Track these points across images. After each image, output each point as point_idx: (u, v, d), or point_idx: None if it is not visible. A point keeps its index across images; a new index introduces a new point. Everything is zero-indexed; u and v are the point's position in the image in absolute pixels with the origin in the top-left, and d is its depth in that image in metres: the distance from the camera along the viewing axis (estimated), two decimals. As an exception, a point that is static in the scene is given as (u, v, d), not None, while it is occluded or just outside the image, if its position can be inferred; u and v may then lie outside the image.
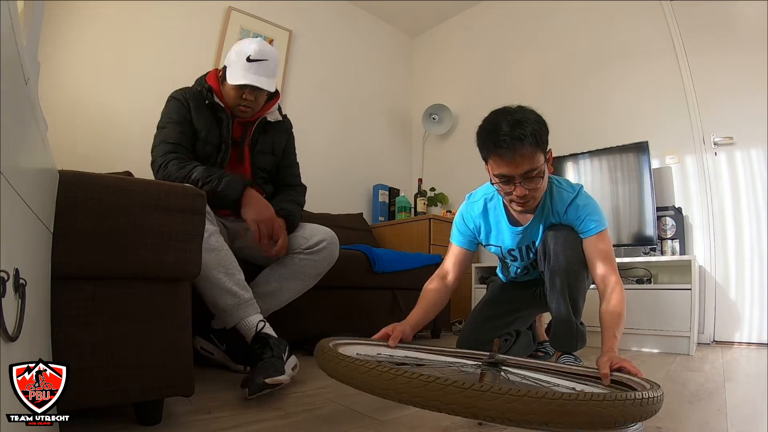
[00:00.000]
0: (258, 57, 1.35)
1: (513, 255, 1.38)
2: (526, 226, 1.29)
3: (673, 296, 1.93)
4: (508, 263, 1.46)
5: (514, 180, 1.12)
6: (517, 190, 1.13)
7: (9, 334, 0.36)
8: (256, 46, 1.36)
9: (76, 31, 2.08)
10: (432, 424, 0.82)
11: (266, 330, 1.18)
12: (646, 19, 2.49)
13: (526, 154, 1.08)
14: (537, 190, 1.16)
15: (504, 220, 1.32)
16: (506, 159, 1.09)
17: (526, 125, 1.08)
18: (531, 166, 1.10)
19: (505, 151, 1.08)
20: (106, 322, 0.70)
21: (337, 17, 3.32)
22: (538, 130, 1.10)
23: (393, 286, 2.10)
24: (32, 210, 0.47)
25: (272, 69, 1.41)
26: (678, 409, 0.95)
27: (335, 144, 3.18)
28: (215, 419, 0.83)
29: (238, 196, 1.28)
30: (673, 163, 2.35)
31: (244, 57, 1.34)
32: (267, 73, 1.38)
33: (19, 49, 0.43)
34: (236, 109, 1.41)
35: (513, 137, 1.07)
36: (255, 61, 1.34)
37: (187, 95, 1.40)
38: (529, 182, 1.12)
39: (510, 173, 1.11)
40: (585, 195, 1.26)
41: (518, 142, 1.07)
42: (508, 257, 1.41)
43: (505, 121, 1.09)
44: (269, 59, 1.38)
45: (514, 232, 1.31)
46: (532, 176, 1.12)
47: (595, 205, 1.24)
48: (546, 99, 2.91)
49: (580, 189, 1.26)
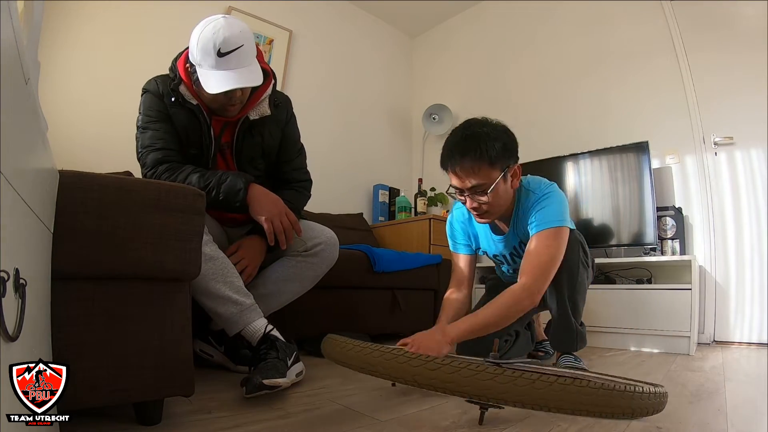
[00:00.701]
0: (231, 47, 1.11)
1: (499, 260, 1.41)
2: (507, 233, 1.30)
3: (673, 296, 1.92)
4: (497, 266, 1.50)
5: (463, 193, 1.14)
6: (468, 202, 1.15)
7: (9, 334, 0.36)
8: (224, 32, 1.10)
9: (76, 31, 2.08)
10: (432, 425, 0.82)
11: (274, 333, 1.15)
12: (646, 19, 2.49)
13: (471, 169, 1.08)
14: (492, 205, 1.15)
15: (486, 228, 1.33)
16: (455, 171, 1.10)
17: (480, 140, 1.07)
18: (478, 181, 1.09)
19: (452, 163, 1.09)
20: (106, 322, 0.70)
21: (338, 17, 3.32)
22: (490, 145, 1.07)
23: (393, 286, 2.10)
24: (32, 210, 0.47)
25: (251, 52, 1.17)
26: (678, 409, 0.95)
27: (335, 144, 3.17)
28: (215, 419, 0.83)
29: (242, 198, 1.21)
30: (673, 163, 2.35)
31: (214, 52, 1.10)
32: (247, 60, 1.14)
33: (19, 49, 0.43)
34: (222, 110, 1.23)
35: (459, 151, 1.07)
36: (228, 53, 1.11)
37: (161, 87, 1.23)
38: (478, 196, 1.12)
39: (460, 186, 1.12)
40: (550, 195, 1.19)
41: (463, 156, 1.07)
42: (495, 261, 1.44)
43: (461, 134, 1.10)
44: (244, 43, 1.13)
45: (495, 240, 1.33)
46: (480, 191, 1.11)
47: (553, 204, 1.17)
48: (546, 99, 2.91)
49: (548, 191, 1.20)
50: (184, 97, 1.22)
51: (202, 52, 1.12)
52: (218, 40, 1.10)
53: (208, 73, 1.13)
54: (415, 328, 2.25)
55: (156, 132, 1.22)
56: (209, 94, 1.15)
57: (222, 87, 1.12)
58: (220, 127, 1.29)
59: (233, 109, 1.24)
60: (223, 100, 1.19)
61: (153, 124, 1.23)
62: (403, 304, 2.09)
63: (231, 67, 1.12)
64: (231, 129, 1.31)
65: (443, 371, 0.64)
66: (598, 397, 0.62)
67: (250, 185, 1.23)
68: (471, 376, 0.64)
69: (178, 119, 1.23)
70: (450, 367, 0.64)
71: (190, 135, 1.25)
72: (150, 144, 1.21)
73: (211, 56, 1.11)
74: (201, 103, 1.24)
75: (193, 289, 1.01)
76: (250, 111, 1.29)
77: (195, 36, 1.13)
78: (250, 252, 1.27)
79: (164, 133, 1.22)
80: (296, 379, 1.12)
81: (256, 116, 1.31)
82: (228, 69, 1.12)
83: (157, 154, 1.20)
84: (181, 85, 1.22)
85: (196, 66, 1.16)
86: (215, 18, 1.13)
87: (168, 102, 1.22)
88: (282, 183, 1.45)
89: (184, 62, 1.21)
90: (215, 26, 1.11)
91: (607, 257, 2.30)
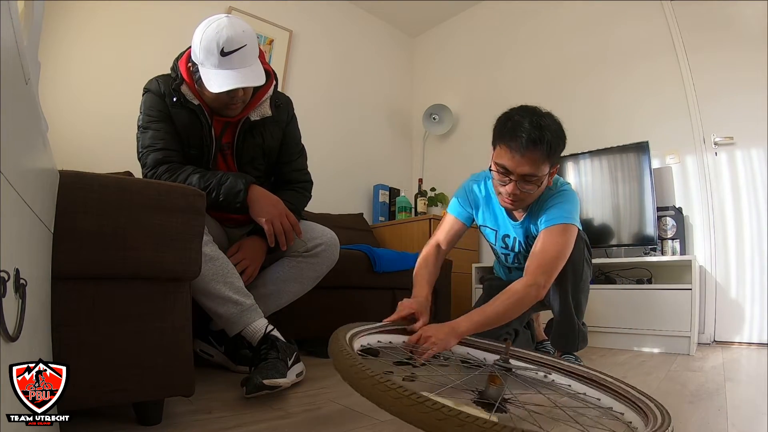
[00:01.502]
0: (234, 47, 1.11)
1: (506, 242, 1.38)
2: (521, 221, 1.29)
3: (674, 296, 1.92)
4: (497, 249, 1.44)
5: (510, 176, 1.13)
6: (510, 187, 1.14)
7: (9, 334, 0.36)
8: (227, 32, 1.10)
9: (76, 31, 2.08)
10: (432, 424, 0.82)
11: (274, 333, 1.15)
12: (647, 19, 2.49)
13: (534, 158, 1.09)
14: (529, 195, 1.16)
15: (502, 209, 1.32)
16: (513, 153, 1.09)
17: (546, 133, 1.09)
18: (532, 171, 1.10)
19: (516, 145, 1.08)
20: (106, 322, 0.70)
21: (338, 17, 3.32)
22: (555, 143, 1.11)
23: (393, 286, 2.10)
24: (33, 210, 0.47)
25: (254, 52, 1.17)
26: (678, 409, 0.95)
27: (336, 144, 3.18)
28: (216, 419, 0.83)
29: (243, 199, 1.21)
30: (673, 163, 2.35)
31: (217, 51, 1.10)
32: (249, 59, 1.15)
33: (20, 49, 0.43)
34: (225, 109, 1.23)
35: (530, 138, 1.07)
36: (232, 53, 1.11)
37: (162, 87, 1.22)
38: (524, 184, 1.13)
39: (511, 168, 1.11)
40: (564, 192, 1.24)
41: (532, 144, 1.07)
42: (499, 243, 1.40)
43: (530, 120, 1.10)
44: (247, 42, 1.13)
45: (513, 224, 1.32)
46: (530, 180, 1.12)
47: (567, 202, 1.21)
48: (546, 99, 2.89)
49: (563, 189, 1.25)
50: (186, 97, 1.22)
51: (205, 51, 1.12)
52: (221, 40, 1.10)
53: (211, 72, 1.13)
54: (415, 328, 2.26)
55: (157, 132, 1.22)
56: (212, 93, 1.15)
57: (225, 86, 1.11)
58: (221, 128, 1.29)
59: (235, 108, 1.23)
60: (225, 100, 1.19)
61: (154, 124, 1.22)
62: (403, 304, 2.09)
63: (234, 66, 1.12)
64: (232, 130, 1.30)
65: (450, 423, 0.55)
66: None
67: (250, 186, 1.23)
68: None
69: (179, 119, 1.23)
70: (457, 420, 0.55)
71: (191, 135, 1.25)
72: (150, 144, 1.21)
73: (214, 55, 1.11)
74: (202, 103, 1.24)
75: (193, 289, 1.01)
76: (251, 112, 1.29)
77: (198, 35, 1.13)
78: (250, 253, 1.27)
79: (165, 133, 1.22)
80: (296, 380, 1.12)
81: (257, 117, 1.31)
82: (231, 68, 1.12)
83: (157, 155, 1.20)
84: (183, 85, 1.22)
85: (199, 65, 1.15)
86: (218, 17, 1.14)
87: (169, 102, 1.22)
88: (282, 184, 1.45)
89: (186, 62, 1.21)
90: (218, 25, 1.11)
91: (608, 257, 2.30)
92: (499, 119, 1.17)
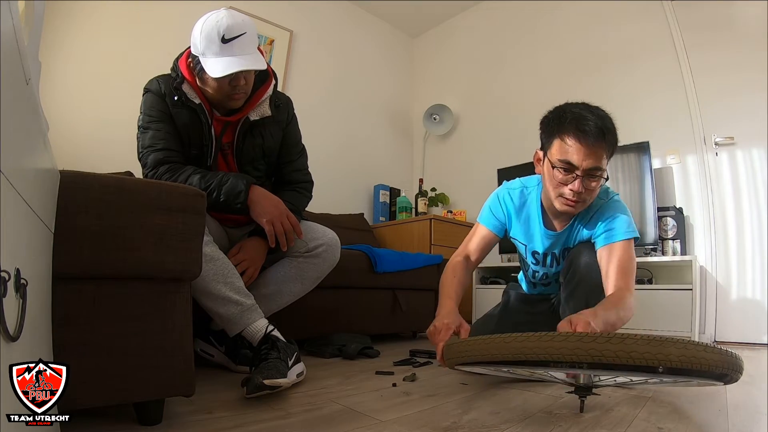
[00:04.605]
0: (234, 33, 1.13)
1: (536, 258, 1.30)
2: (560, 231, 1.22)
3: (674, 296, 1.92)
4: (528, 263, 1.36)
5: (575, 171, 1.05)
6: (575, 184, 1.05)
7: (10, 334, 0.36)
8: (227, 21, 1.13)
9: (77, 31, 2.09)
10: (432, 425, 0.82)
11: (275, 333, 1.16)
12: (647, 19, 2.49)
13: (601, 150, 1.03)
14: (591, 194, 1.09)
15: (538, 220, 1.24)
16: (582, 145, 1.03)
17: (610, 124, 1.05)
18: (598, 164, 1.04)
19: (585, 137, 1.02)
20: (106, 322, 0.70)
21: (338, 17, 3.33)
22: (616, 135, 1.06)
23: (394, 286, 2.10)
24: (33, 210, 0.47)
25: (254, 41, 1.19)
26: (679, 410, 0.95)
27: (336, 144, 3.18)
28: (216, 419, 0.83)
29: (243, 200, 1.21)
30: (674, 163, 2.35)
31: (218, 39, 1.12)
32: (250, 47, 1.17)
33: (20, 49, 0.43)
34: (227, 101, 1.23)
35: (598, 127, 1.02)
36: (232, 39, 1.13)
37: (163, 87, 1.23)
38: (589, 180, 1.06)
39: (577, 162, 1.04)
40: (615, 202, 1.18)
41: (601, 135, 1.02)
42: (529, 258, 1.32)
43: (590, 112, 1.05)
44: (247, 30, 1.16)
45: (546, 234, 1.24)
46: (594, 175, 1.06)
47: (623, 212, 1.15)
48: (546, 99, 2.89)
49: (613, 196, 1.20)
50: (187, 96, 1.23)
51: (206, 40, 1.13)
52: (222, 27, 1.12)
53: (212, 60, 1.14)
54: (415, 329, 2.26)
55: (157, 132, 1.22)
56: (213, 82, 1.16)
57: (227, 70, 1.13)
58: (221, 128, 1.29)
59: (237, 99, 1.23)
60: (227, 90, 1.20)
61: (154, 124, 1.22)
62: (403, 304, 2.10)
63: (235, 53, 1.14)
64: (232, 129, 1.31)
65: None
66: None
67: (251, 187, 1.23)
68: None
69: (179, 119, 1.23)
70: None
71: (191, 135, 1.25)
72: (151, 144, 1.21)
73: (215, 43, 1.13)
74: (203, 101, 1.24)
75: (194, 289, 1.01)
76: (250, 112, 1.30)
77: (198, 27, 1.15)
78: (251, 254, 1.27)
79: (165, 133, 1.22)
80: (297, 380, 1.12)
81: (257, 117, 1.31)
82: (232, 55, 1.14)
83: (158, 155, 1.20)
84: (184, 83, 1.22)
85: (200, 56, 1.17)
86: (217, 10, 1.16)
87: (170, 102, 1.22)
88: (283, 184, 1.45)
89: (186, 60, 1.22)
90: (218, 16, 1.14)
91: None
92: (551, 115, 1.10)
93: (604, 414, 0.90)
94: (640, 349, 0.63)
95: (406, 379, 1.21)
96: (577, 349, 0.65)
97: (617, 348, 0.63)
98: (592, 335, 0.66)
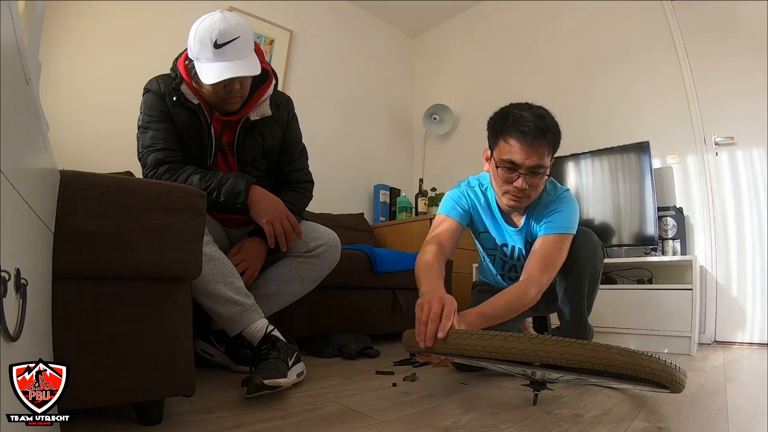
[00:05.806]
0: (227, 38, 1.11)
1: (504, 251, 1.33)
2: (520, 228, 1.27)
3: (674, 296, 1.92)
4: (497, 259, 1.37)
5: (519, 170, 1.11)
6: (519, 182, 1.11)
7: (10, 334, 0.36)
8: (220, 25, 1.11)
9: (77, 31, 2.08)
10: (432, 425, 0.82)
11: (275, 333, 1.16)
12: (647, 19, 2.49)
13: (541, 148, 1.09)
14: (536, 189, 1.15)
15: (500, 217, 1.29)
16: (523, 145, 1.08)
17: (550, 123, 1.11)
18: (540, 161, 1.10)
19: (525, 136, 1.08)
20: (106, 322, 0.70)
21: (339, 18, 3.32)
22: (557, 132, 1.12)
23: (394, 286, 2.10)
24: (33, 210, 0.47)
25: (248, 44, 1.17)
26: (679, 410, 0.95)
27: (336, 144, 3.18)
28: (216, 419, 0.83)
29: (243, 200, 1.21)
30: (674, 163, 2.35)
31: (211, 44, 1.11)
32: (245, 51, 1.16)
33: (21, 49, 0.43)
34: (223, 104, 1.23)
35: (537, 127, 1.08)
36: (225, 44, 1.12)
37: (162, 87, 1.23)
38: (532, 177, 1.12)
39: (520, 161, 1.10)
40: (566, 198, 1.22)
41: (540, 134, 1.08)
42: (499, 251, 1.34)
43: (531, 112, 1.10)
44: (240, 34, 1.14)
45: (508, 231, 1.29)
46: (537, 172, 1.11)
47: (569, 210, 1.20)
48: (546, 99, 2.88)
49: (564, 195, 1.24)
50: (186, 96, 1.23)
51: (199, 45, 1.13)
52: (214, 33, 1.11)
53: (206, 65, 1.14)
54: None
55: (157, 132, 1.22)
56: (208, 86, 1.16)
57: (219, 77, 1.12)
58: (221, 127, 1.29)
59: (233, 103, 1.23)
60: (222, 94, 1.19)
61: (154, 124, 1.22)
62: (404, 304, 2.09)
63: (228, 58, 1.13)
64: (232, 129, 1.31)
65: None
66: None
67: (251, 187, 1.23)
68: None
69: (179, 119, 1.24)
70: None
71: (191, 135, 1.25)
72: (151, 144, 1.21)
73: (208, 48, 1.12)
74: (202, 102, 1.24)
75: (194, 289, 1.01)
76: (250, 111, 1.30)
77: (192, 31, 1.15)
78: (251, 254, 1.27)
79: (165, 133, 1.22)
80: (297, 380, 1.12)
81: (257, 117, 1.31)
82: (225, 60, 1.13)
83: (158, 155, 1.20)
84: (183, 84, 1.22)
85: (195, 60, 1.17)
86: (212, 13, 1.15)
87: (169, 102, 1.22)
88: (283, 184, 1.45)
89: (185, 61, 1.22)
90: (211, 20, 1.13)
91: (608, 257, 2.29)
92: (495, 117, 1.16)
93: (604, 414, 0.90)
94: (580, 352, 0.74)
95: (406, 379, 1.21)
96: (526, 350, 0.75)
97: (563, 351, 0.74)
98: (543, 338, 0.76)
